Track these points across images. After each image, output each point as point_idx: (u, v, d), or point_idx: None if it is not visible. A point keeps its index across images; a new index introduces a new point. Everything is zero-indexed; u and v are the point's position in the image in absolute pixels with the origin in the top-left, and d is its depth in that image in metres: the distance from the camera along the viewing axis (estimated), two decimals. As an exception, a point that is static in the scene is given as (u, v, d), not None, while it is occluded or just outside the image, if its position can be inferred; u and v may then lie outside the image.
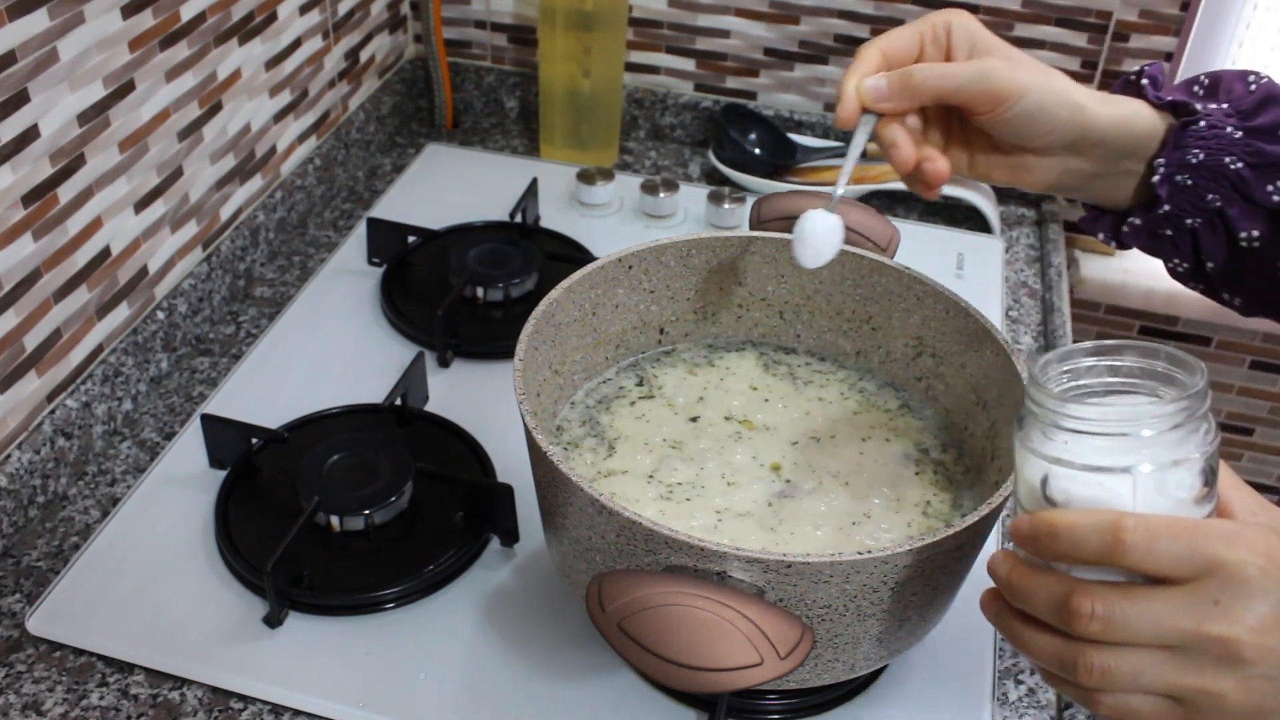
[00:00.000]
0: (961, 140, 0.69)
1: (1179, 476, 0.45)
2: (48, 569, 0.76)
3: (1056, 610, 0.45)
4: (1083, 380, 0.49)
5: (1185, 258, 0.69)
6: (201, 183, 0.96)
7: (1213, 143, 0.65)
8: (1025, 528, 0.47)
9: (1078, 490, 0.46)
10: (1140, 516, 0.44)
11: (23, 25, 0.73)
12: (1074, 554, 0.45)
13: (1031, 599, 0.47)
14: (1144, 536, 0.43)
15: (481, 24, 1.30)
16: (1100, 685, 0.45)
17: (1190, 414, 0.45)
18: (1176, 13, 1.12)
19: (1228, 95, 0.67)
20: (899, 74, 0.64)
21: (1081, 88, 0.65)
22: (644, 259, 0.74)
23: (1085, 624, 0.44)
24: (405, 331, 0.96)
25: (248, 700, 0.69)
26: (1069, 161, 0.66)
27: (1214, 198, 0.66)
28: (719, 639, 0.52)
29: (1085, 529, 0.44)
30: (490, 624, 0.73)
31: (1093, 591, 0.44)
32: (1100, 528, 0.44)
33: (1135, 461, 0.45)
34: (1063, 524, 0.45)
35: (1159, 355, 0.47)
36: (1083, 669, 0.45)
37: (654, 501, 0.67)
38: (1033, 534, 0.46)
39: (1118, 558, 0.44)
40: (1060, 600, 0.45)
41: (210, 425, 0.81)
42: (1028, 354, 1.01)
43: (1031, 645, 0.47)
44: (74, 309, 0.83)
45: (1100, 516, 0.44)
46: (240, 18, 0.97)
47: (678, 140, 1.30)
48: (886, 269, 0.74)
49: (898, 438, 0.73)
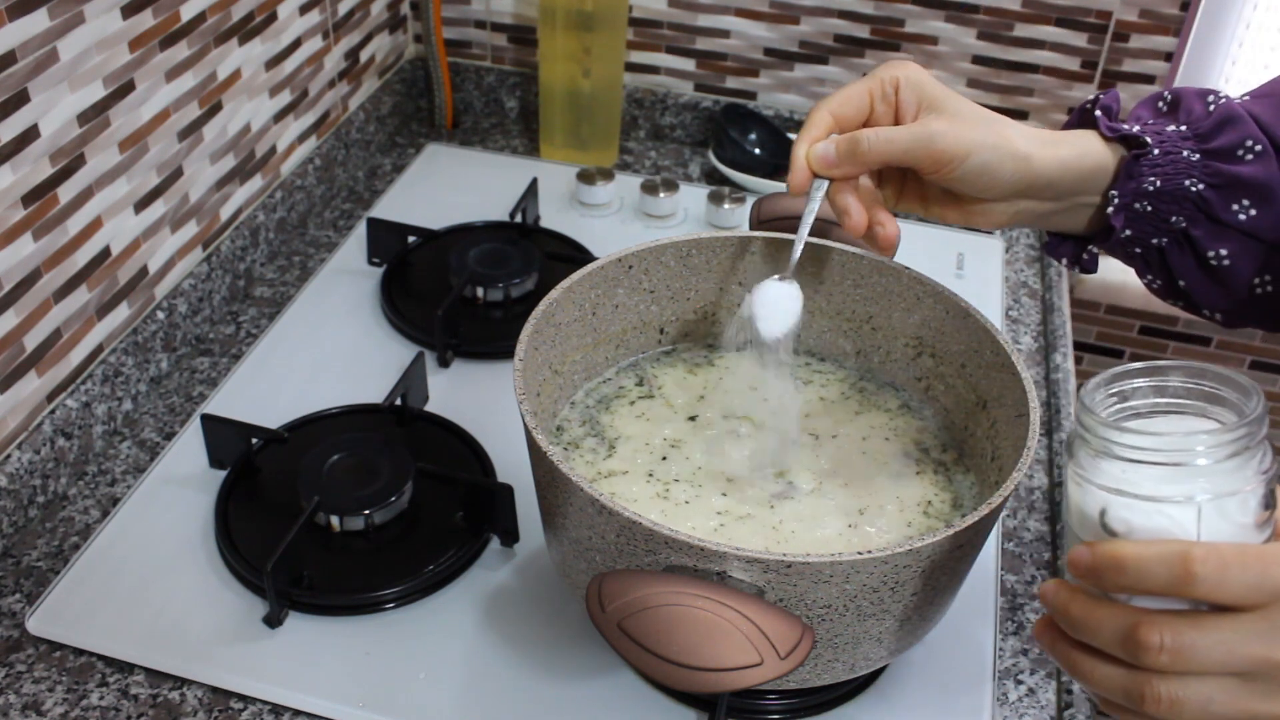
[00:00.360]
0: (915, 191, 0.70)
1: (1240, 502, 0.45)
2: (48, 569, 0.76)
3: (1122, 642, 0.44)
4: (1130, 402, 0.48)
5: (1158, 275, 0.70)
6: (201, 183, 0.96)
7: (1168, 168, 0.65)
8: (1087, 560, 0.45)
9: (1139, 520, 0.46)
10: (1209, 546, 0.43)
11: (23, 25, 0.73)
12: (1141, 586, 0.44)
13: (1095, 632, 0.46)
14: (1215, 568, 0.43)
15: (481, 24, 1.30)
16: (1168, 715, 0.44)
17: (1250, 439, 0.45)
18: (1176, 13, 1.12)
19: (1187, 116, 0.66)
20: (846, 140, 0.65)
21: (1027, 134, 0.65)
22: (644, 259, 0.74)
23: (1155, 656, 0.43)
24: (405, 331, 0.96)
25: (248, 700, 0.69)
26: (1021, 204, 0.67)
27: (1178, 219, 0.66)
28: (719, 639, 0.52)
29: (1153, 561, 0.44)
30: (490, 624, 0.73)
31: (1160, 623, 0.44)
32: (1169, 559, 0.43)
33: (1197, 490, 0.45)
34: (1129, 556, 0.44)
35: (1205, 375, 0.47)
36: (1150, 700, 0.44)
37: (654, 501, 0.67)
38: (1096, 566, 0.45)
39: (1188, 589, 0.43)
40: (1126, 632, 0.44)
41: (210, 425, 0.81)
42: (1027, 354, 1.01)
43: (1093, 676, 0.46)
44: (74, 309, 0.83)
45: (1168, 548, 0.43)
46: (240, 18, 0.97)
47: (678, 140, 1.30)
48: (886, 269, 0.74)
49: (898, 438, 0.73)
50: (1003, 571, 0.80)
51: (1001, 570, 0.80)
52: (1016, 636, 0.76)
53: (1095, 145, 0.66)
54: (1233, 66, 1.19)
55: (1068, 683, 0.72)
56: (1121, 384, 0.48)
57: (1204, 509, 0.45)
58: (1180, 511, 0.45)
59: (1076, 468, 0.48)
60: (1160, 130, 0.66)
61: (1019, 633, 0.76)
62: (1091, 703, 0.71)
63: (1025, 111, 1.19)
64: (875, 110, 0.67)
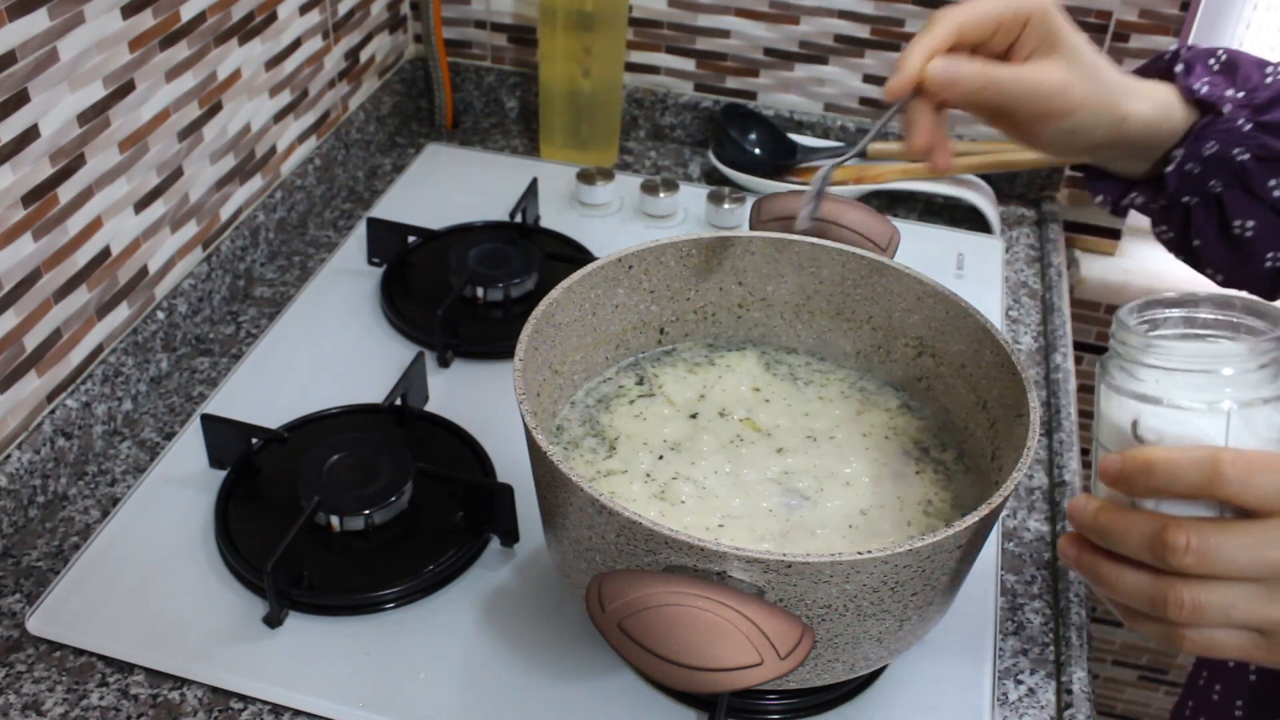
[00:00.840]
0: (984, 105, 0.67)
1: (1267, 415, 0.47)
2: (48, 569, 0.76)
3: (1149, 545, 0.46)
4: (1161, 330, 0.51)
5: (1174, 229, 0.70)
6: (201, 183, 0.96)
7: (1224, 135, 0.65)
8: (1117, 465, 0.47)
9: (1170, 429, 0.48)
10: (1237, 451, 0.45)
11: (23, 25, 0.73)
12: (1170, 488, 0.45)
13: (1122, 536, 0.47)
14: (1242, 469, 0.44)
15: (481, 24, 1.30)
16: (1190, 620, 0.46)
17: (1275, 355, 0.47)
18: (1176, 13, 1.12)
19: (1245, 83, 0.67)
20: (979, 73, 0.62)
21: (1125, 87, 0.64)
22: (644, 259, 0.74)
23: (1180, 557, 0.45)
24: (405, 331, 0.96)
25: (248, 700, 0.69)
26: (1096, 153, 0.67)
27: (1215, 184, 0.66)
28: (719, 639, 0.52)
29: (1182, 463, 0.45)
30: (490, 624, 0.73)
31: (1187, 525, 0.45)
32: (1198, 461, 0.45)
33: (1225, 399, 0.47)
34: (1159, 459, 0.46)
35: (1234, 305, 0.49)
36: (1173, 604, 0.45)
37: (654, 501, 0.67)
38: (1126, 470, 0.47)
39: (1216, 489, 0.44)
40: (1153, 535, 0.45)
41: (210, 425, 0.81)
42: (1027, 354, 1.01)
43: (1119, 584, 0.48)
44: (74, 309, 0.83)
45: (1198, 451, 0.45)
46: (240, 18, 0.97)
47: (678, 140, 1.30)
48: (886, 269, 0.74)
49: (898, 437, 0.73)
50: (1003, 571, 0.80)
51: (1001, 570, 0.80)
52: (1016, 636, 0.76)
53: (1176, 107, 0.66)
54: (1233, 66, 1.18)
55: (1067, 683, 0.72)
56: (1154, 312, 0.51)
57: (1232, 419, 0.47)
58: (1208, 421, 0.47)
59: (1109, 381, 0.50)
60: (1224, 96, 0.66)
61: (1019, 633, 0.76)
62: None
63: (1025, 111, 1.19)
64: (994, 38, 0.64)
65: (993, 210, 1.16)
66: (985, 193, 1.17)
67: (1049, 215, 1.19)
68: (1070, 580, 0.79)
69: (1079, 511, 0.49)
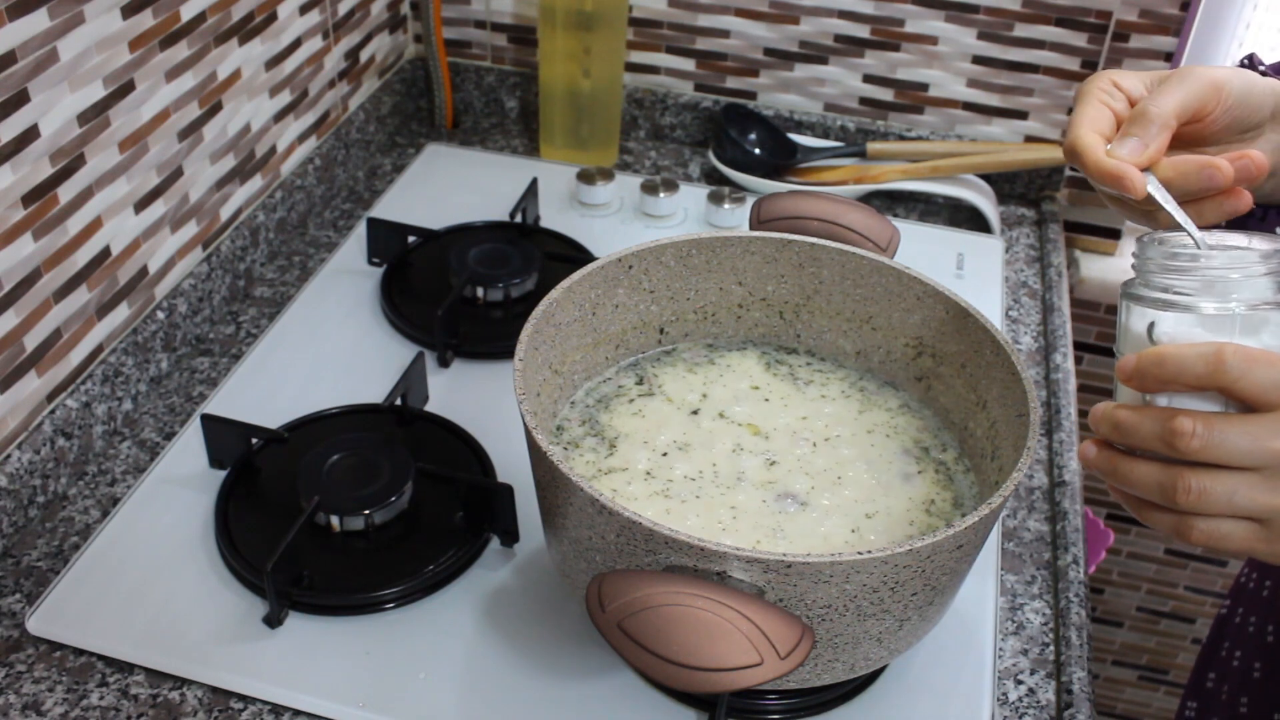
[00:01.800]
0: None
1: (1272, 323, 0.51)
2: (48, 569, 0.76)
3: (1160, 434, 0.50)
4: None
5: None
6: (201, 183, 0.96)
7: None
8: (1133, 362, 0.51)
9: (1182, 330, 0.52)
10: (1239, 345, 0.49)
11: (23, 25, 0.73)
12: (1180, 379, 0.49)
13: (1136, 428, 0.51)
14: (1244, 360, 0.48)
15: (481, 24, 1.30)
16: (1196, 507, 0.49)
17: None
18: (1176, 13, 1.12)
19: None
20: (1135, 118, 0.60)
21: None
22: (644, 259, 0.74)
23: (1188, 441, 0.49)
24: (405, 331, 0.96)
25: (248, 700, 0.69)
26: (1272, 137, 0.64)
27: None
28: (719, 639, 0.52)
29: (1190, 356, 0.49)
30: (490, 624, 0.73)
31: (1195, 414, 0.49)
32: (1204, 354, 0.49)
33: (1232, 305, 0.52)
34: (1169, 353, 0.50)
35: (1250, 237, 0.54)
36: (1181, 490, 0.49)
37: (654, 500, 0.67)
38: (1141, 365, 0.51)
39: (1219, 378, 0.48)
40: (1164, 423, 0.49)
41: (210, 425, 0.81)
42: (1027, 354, 1.01)
43: (1133, 475, 0.52)
44: (74, 309, 0.83)
45: (1203, 345, 0.49)
46: (240, 18, 0.97)
47: (678, 140, 1.30)
48: (886, 269, 0.74)
49: (898, 437, 0.73)
50: (1003, 571, 0.80)
51: (1001, 570, 0.80)
52: (1016, 636, 0.76)
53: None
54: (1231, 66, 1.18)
55: (1067, 682, 0.72)
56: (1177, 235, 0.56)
57: (1240, 322, 0.51)
58: (1216, 324, 0.51)
59: (1130, 292, 0.54)
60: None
61: (1019, 633, 0.76)
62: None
63: (1025, 112, 1.20)
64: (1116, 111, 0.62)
65: (993, 210, 1.16)
66: (985, 193, 1.17)
67: (1049, 215, 1.19)
68: (1070, 580, 0.79)
69: (1099, 414, 0.53)
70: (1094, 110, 0.61)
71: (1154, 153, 0.60)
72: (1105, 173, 0.59)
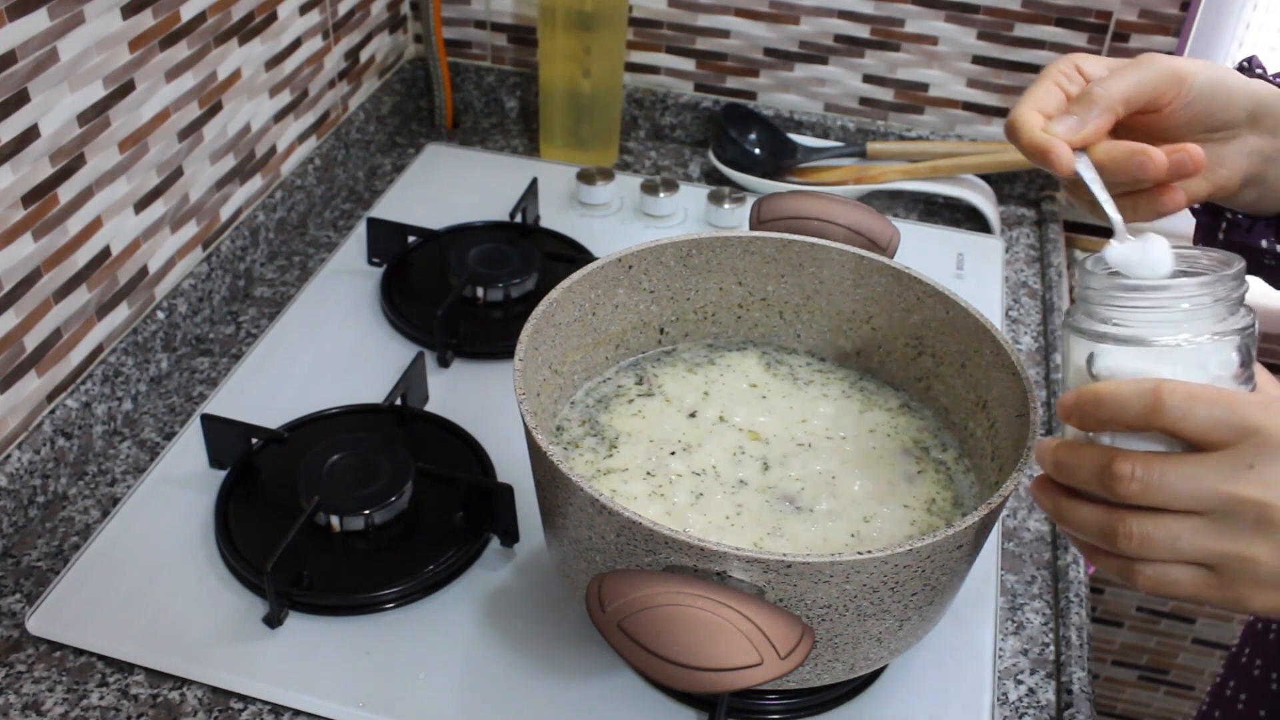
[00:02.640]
0: None
1: (1218, 353, 0.48)
2: (48, 569, 0.76)
3: (1099, 476, 0.47)
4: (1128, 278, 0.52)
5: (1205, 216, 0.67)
6: (201, 183, 0.96)
7: None
8: (1071, 400, 0.49)
9: (1121, 365, 0.49)
10: (1179, 382, 0.46)
11: (23, 25, 0.73)
12: (1117, 418, 0.47)
13: (1075, 469, 0.49)
14: (1183, 399, 0.45)
15: (481, 24, 1.30)
16: (1139, 552, 0.47)
17: (1227, 293, 0.48)
18: (1176, 13, 1.12)
19: None
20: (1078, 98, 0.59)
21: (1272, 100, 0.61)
22: (644, 259, 0.74)
23: (1126, 485, 0.46)
24: (405, 331, 0.96)
25: (248, 700, 0.69)
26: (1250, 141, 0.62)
27: None
28: (719, 639, 0.52)
29: (1127, 394, 0.47)
30: (490, 624, 0.73)
31: (1134, 456, 0.46)
32: (1141, 392, 0.46)
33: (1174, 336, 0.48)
34: (1106, 391, 0.47)
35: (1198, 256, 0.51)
36: (1123, 535, 0.47)
37: (654, 500, 0.67)
38: (1078, 404, 0.48)
39: (1157, 419, 0.46)
40: (1103, 465, 0.47)
41: (210, 425, 0.81)
42: (1027, 354, 1.01)
43: (1074, 517, 0.49)
44: (74, 309, 0.83)
45: (1142, 382, 0.47)
46: (240, 18, 0.97)
47: (678, 140, 1.30)
48: (886, 269, 0.74)
49: (898, 437, 0.73)
50: (1003, 571, 0.80)
51: (1001, 570, 0.80)
52: (1016, 636, 0.76)
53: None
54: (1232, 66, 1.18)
55: (1067, 682, 0.72)
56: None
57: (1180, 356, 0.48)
58: (1158, 357, 0.48)
59: (1071, 323, 0.51)
60: None
61: (1019, 633, 0.76)
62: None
63: (1025, 111, 1.19)
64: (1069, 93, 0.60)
65: (993, 210, 1.16)
66: (985, 193, 1.17)
67: (1049, 215, 1.19)
68: (1070, 580, 0.79)
69: (1041, 450, 0.51)
70: (1044, 90, 0.60)
71: (1089, 133, 0.58)
72: (1035, 146, 0.58)
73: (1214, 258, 0.50)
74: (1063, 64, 0.61)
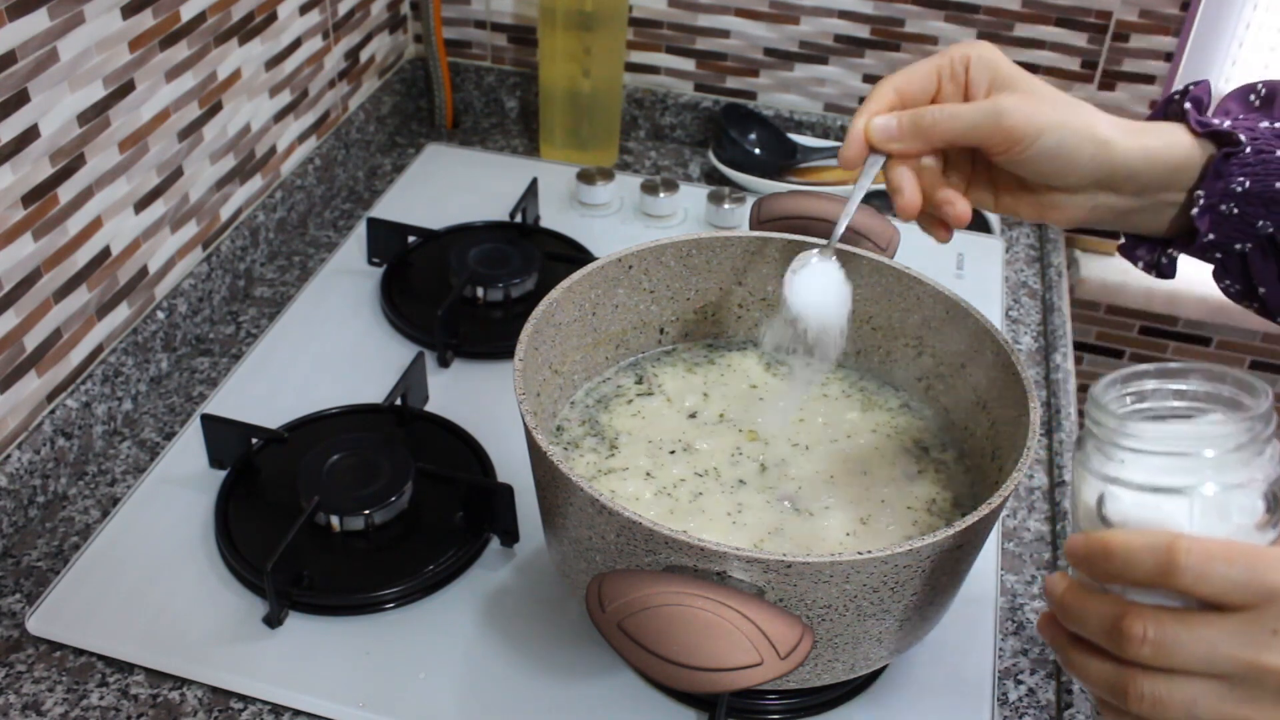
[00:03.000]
0: (985, 178, 0.66)
1: (1240, 500, 0.44)
2: (48, 569, 0.76)
3: (1108, 632, 0.44)
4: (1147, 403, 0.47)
5: (1236, 280, 0.65)
6: (201, 183, 0.96)
7: (1259, 168, 0.60)
8: (1080, 547, 0.45)
9: (1134, 511, 0.45)
10: (1196, 538, 0.42)
11: (23, 25, 0.73)
12: (1127, 574, 0.43)
13: (1084, 620, 0.45)
14: (1199, 558, 0.42)
15: (481, 24, 1.30)
16: (1151, 715, 0.44)
17: (1254, 436, 0.44)
18: (1176, 13, 1.12)
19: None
20: (910, 115, 0.61)
21: (1109, 119, 0.61)
22: (644, 259, 0.74)
23: (1137, 647, 0.43)
24: (405, 331, 0.96)
25: (248, 700, 0.69)
26: (1100, 197, 0.62)
27: (1265, 224, 0.61)
28: (719, 639, 0.52)
29: (1139, 548, 0.43)
30: (490, 624, 0.73)
31: (1146, 614, 0.43)
32: (1154, 548, 0.42)
33: (1194, 482, 0.44)
34: (1116, 543, 0.43)
35: (1225, 379, 0.46)
36: (1133, 696, 0.44)
37: (654, 500, 0.67)
38: (1087, 553, 0.45)
39: (1171, 579, 0.42)
40: (1112, 622, 0.44)
41: (210, 425, 0.81)
42: (1027, 354, 1.01)
43: (1083, 669, 0.46)
44: (74, 309, 0.83)
45: (1155, 537, 0.43)
46: (240, 18, 0.97)
47: (678, 140, 1.30)
48: (886, 269, 0.74)
49: (899, 437, 0.73)
50: (1003, 571, 0.80)
51: (1001, 570, 0.80)
52: (1016, 636, 0.76)
53: (1182, 139, 0.61)
54: (1233, 66, 1.19)
55: (1068, 682, 0.72)
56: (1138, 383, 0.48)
57: (1199, 504, 0.44)
58: (1175, 504, 0.44)
59: (1080, 457, 0.47)
60: (1253, 126, 0.61)
61: (1019, 633, 0.76)
62: (1092, 704, 0.71)
63: (1025, 111, 1.19)
64: (943, 89, 0.63)
65: (993, 210, 1.15)
66: (985, 193, 1.17)
67: (1049, 215, 1.19)
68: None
69: (1050, 589, 0.47)
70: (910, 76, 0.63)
71: (893, 149, 0.63)
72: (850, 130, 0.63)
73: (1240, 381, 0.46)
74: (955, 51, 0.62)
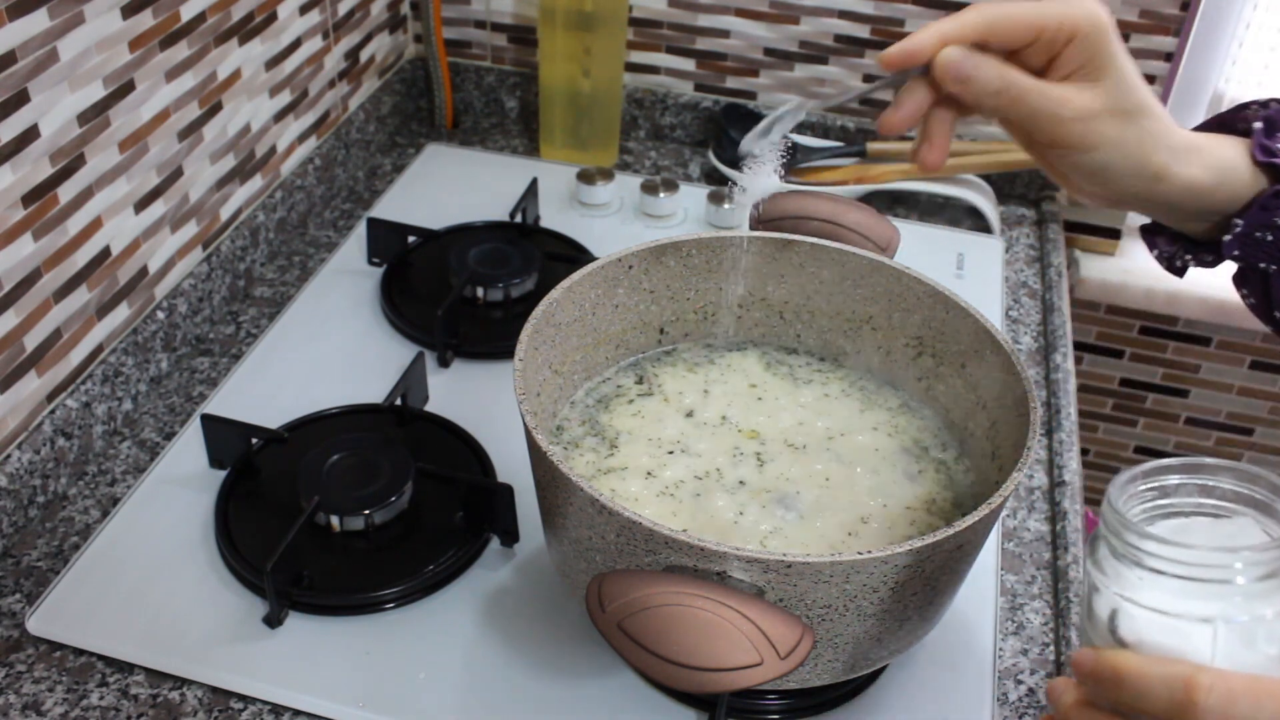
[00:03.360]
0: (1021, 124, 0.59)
1: (1270, 629, 0.40)
2: (48, 569, 0.76)
3: None
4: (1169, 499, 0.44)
5: (1255, 294, 0.62)
6: (201, 183, 0.96)
7: None
8: (1088, 666, 0.41)
9: (1151, 634, 0.42)
10: (1219, 674, 0.38)
11: (23, 25, 0.73)
12: (1138, 705, 0.40)
13: None
14: (1221, 699, 0.38)
15: (481, 24, 1.30)
16: None
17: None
18: (1176, 13, 1.12)
19: None
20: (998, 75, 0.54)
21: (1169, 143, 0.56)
22: (644, 259, 0.74)
23: None
24: (405, 331, 0.96)
25: (248, 700, 0.69)
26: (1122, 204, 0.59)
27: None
28: (719, 639, 0.52)
29: (1154, 680, 0.39)
30: (490, 624, 0.73)
31: None
32: (1171, 682, 0.39)
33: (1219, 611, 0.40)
34: (1131, 670, 0.40)
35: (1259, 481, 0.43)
36: None
37: (654, 500, 0.67)
38: (1096, 675, 0.41)
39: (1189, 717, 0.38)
40: None
41: (210, 425, 0.81)
42: (1027, 354, 1.01)
43: None
44: (74, 309, 0.83)
45: (1173, 668, 0.39)
46: (240, 18, 0.97)
47: (678, 140, 1.30)
48: (886, 269, 0.74)
49: (899, 437, 0.73)
50: (1003, 571, 0.80)
51: (1001, 570, 0.80)
52: (1016, 636, 0.76)
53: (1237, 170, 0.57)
54: (1233, 66, 1.19)
55: (1068, 683, 0.72)
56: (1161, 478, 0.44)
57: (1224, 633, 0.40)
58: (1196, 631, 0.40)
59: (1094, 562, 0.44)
60: None
61: (1019, 633, 0.76)
62: None
63: (1025, 111, 1.19)
64: (1033, 48, 0.55)
65: (993, 210, 1.16)
66: (985, 193, 1.17)
67: (1049, 215, 1.19)
68: (1070, 580, 0.79)
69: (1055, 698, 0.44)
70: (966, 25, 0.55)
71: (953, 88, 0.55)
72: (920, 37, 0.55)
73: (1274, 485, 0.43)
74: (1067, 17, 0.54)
